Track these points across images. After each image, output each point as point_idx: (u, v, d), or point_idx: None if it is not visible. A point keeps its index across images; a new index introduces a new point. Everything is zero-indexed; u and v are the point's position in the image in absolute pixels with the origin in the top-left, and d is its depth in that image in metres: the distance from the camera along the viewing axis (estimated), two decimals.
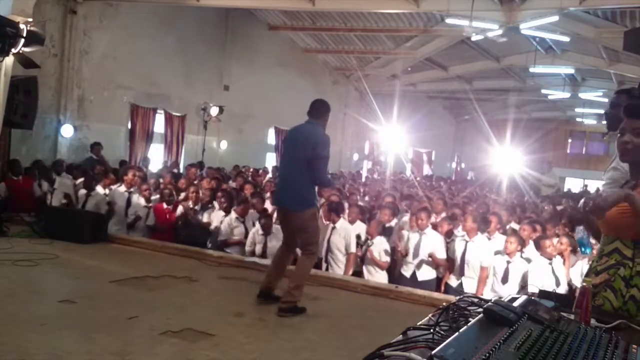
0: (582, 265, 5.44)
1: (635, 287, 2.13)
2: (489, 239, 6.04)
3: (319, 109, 4.82)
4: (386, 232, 6.45)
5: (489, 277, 5.71)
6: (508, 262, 5.52)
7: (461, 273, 5.90)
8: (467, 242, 5.91)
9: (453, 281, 6.02)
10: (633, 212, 2.07)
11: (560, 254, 5.56)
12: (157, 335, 3.77)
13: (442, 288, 6.05)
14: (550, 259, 5.41)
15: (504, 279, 5.52)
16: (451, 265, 6.06)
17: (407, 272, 6.06)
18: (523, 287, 5.37)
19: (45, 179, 8.31)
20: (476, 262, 5.79)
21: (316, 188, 4.91)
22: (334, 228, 6.19)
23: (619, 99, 3.11)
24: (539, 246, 5.58)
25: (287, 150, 4.95)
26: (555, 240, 5.74)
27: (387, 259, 6.02)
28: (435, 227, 6.45)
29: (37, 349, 3.33)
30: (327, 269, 6.13)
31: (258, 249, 6.40)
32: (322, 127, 4.80)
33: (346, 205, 7.03)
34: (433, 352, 1.18)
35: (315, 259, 4.97)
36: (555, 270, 5.37)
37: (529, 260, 5.56)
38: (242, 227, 6.81)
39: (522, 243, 5.66)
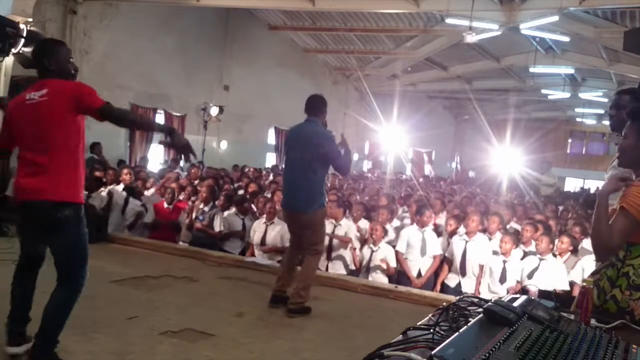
0: (583, 265, 5.44)
1: (618, 288, 2.16)
2: (490, 239, 6.04)
3: (316, 105, 4.72)
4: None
5: (484, 277, 5.71)
6: (504, 262, 5.52)
7: (462, 273, 5.89)
8: (466, 242, 5.90)
9: (451, 281, 6.01)
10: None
11: (561, 253, 5.55)
12: (157, 335, 3.77)
13: (438, 287, 6.03)
14: (543, 255, 5.40)
15: (502, 279, 5.52)
16: (449, 265, 6.07)
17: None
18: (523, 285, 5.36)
19: None
20: (476, 262, 5.79)
21: (324, 188, 4.80)
22: (337, 226, 6.16)
23: (621, 100, 3.10)
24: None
25: (290, 152, 4.86)
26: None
27: (394, 264, 5.96)
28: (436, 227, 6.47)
29: None
30: (327, 268, 6.10)
31: (257, 237, 6.36)
32: (322, 122, 4.73)
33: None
34: (433, 352, 1.19)
35: (320, 258, 4.96)
36: (554, 269, 5.36)
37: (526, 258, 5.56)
38: (240, 223, 6.91)
39: (517, 242, 5.67)
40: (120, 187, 7.56)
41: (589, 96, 18.96)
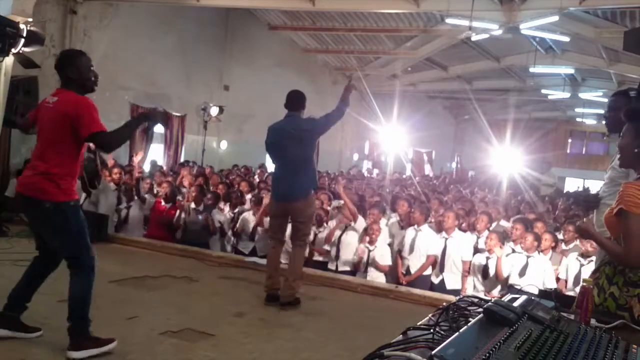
0: (567, 263, 5.51)
1: (616, 285, 2.17)
2: (478, 237, 6.12)
3: (296, 101, 4.89)
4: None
5: (470, 273, 5.81)
6: (487, 259, 5.60)
7: (441, 270, 5.97)
8: (446, 239, 5.99)
9: (434, 278, 6.10)
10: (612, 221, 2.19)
11: (544, 250, 5.61)
12: (157, 335, 3.77)
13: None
14: (528, 252, 5.45)
15: (484, 275, 5.61)
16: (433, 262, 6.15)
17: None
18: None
19: None
20: (457, 258, 5.89)
21: (315, 178, 4.94)
22: (347, 226, 6.22)
23: (618, 101, 3.12)
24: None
25: (276, 149, 4.91)
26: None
27: (389, 262, 6.03)
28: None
29: (37, 348, 3.33)
30: (337, 268, 6.10)
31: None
32: (302, 116, 4.90)
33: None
34: (433, 352, 1.19)
35: (307, 248, 5.11)
36: (538, 266, 5.39)
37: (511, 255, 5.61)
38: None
39: (504, 240, 5.74)
40: (112, 186, 7.55)
41: (589, 96, 18.95)
